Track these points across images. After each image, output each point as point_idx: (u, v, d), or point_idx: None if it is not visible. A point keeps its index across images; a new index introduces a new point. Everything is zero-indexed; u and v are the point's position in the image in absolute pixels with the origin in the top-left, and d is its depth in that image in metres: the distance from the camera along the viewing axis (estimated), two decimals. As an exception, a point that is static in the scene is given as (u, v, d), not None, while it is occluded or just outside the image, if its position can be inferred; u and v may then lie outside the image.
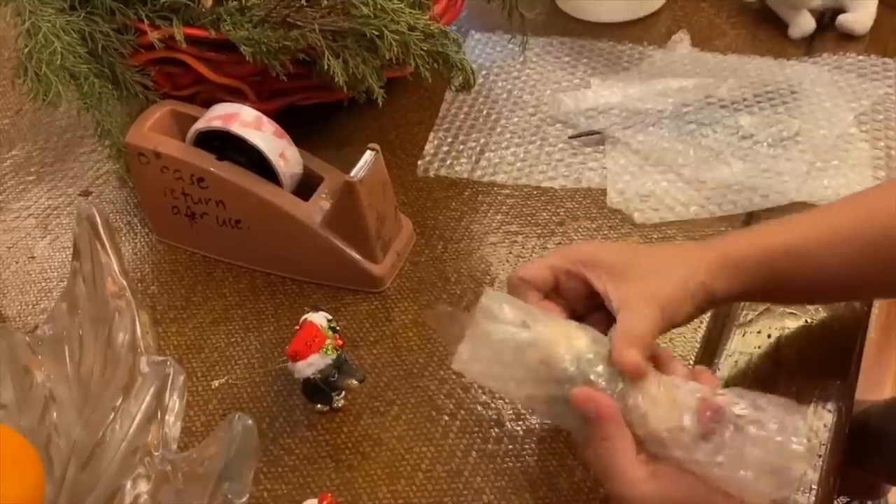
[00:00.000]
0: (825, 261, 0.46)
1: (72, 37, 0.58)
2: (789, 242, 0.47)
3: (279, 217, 0.60)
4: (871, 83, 0.72)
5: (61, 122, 0.80)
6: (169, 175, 0.62)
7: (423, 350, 0.59)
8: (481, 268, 0.64)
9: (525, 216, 0.67)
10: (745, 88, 0.72)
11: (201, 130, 0.61)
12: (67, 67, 0.58)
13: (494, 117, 0.76)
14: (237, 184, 0.60)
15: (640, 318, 0.44)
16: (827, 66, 0.75)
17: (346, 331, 0.60)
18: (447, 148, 0.73)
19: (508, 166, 0.71)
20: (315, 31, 0.58)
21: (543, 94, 0.77)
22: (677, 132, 0.69)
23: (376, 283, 0.62)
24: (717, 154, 0.67)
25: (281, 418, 0.55)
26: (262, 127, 0.60)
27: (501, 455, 0.52)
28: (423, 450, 0.53)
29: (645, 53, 0.79)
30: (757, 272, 0.46)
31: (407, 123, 0.76)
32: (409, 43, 0.58)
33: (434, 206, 0.69)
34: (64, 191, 0.74)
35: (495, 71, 0.81)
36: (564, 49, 0.81)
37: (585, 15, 0.84)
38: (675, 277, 0.45)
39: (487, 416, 0.54)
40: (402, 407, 0.55)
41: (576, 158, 0.71)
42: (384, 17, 0.57)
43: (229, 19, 0.61)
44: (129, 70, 0.63)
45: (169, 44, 0.63)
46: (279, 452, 0.54)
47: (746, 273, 0.46)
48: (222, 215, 0.62)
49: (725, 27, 0.82)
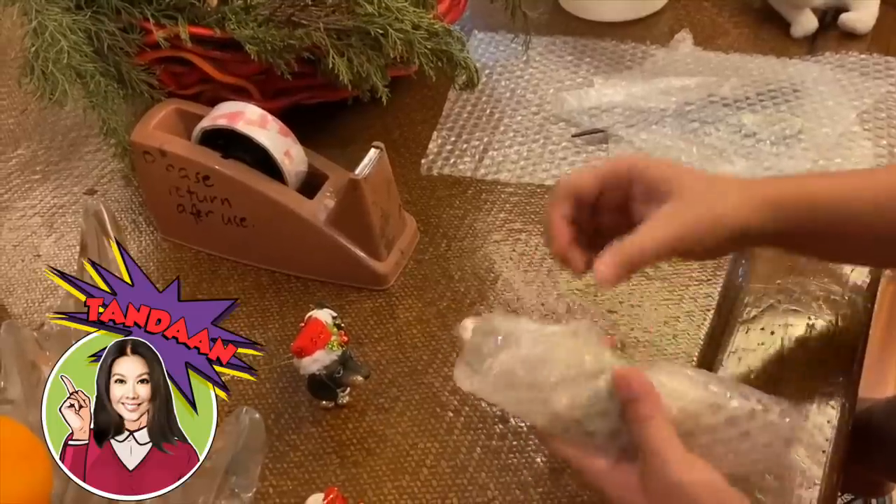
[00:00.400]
0: (868, 219, 0.45)
1: (78, 36, 0.59)
2: (836, 193, 0.46)
3: (284, 215, 0.60)
4: (873, 81, 0.72)
5: (66, 121, 0.80)
6: (174, 173, 0.62)
7: (427, 347, 0.59)
8: (485, 265, 0.64)
9: (528, 214, 0.68)
10: (748, 87, 0.72)
11: (206, 129, 0.61)
12: (73, 66, 0.58)
13: (498, 116, 0.76)
14: (242, 182, 0.60)
15: (647, 231, 0.43)
16: (829, 65, 0.75)
17: (351, 328, 0.60)
18: (451, 146, 0.74)
19: (512, 165, 0.71)
20: (320, 29, 0.58)
21: (547, 93, 0.77)
22: (680, 130, 0.70)
23: (380, 281, 0.62)
24: (720, 152, 0.68)
25: (286, 414, 0.56)
26: (267, 125, 0.60)
27: (506, 451, 0.53)
28: (427, 445, 0.53)
29: (648, 52, 0.80)
30: (797, 216, 0.45)
31: (411, 122, 0.77)
32: (413, 41, 0.59)
33: (438, 204, 0.69)
34: (69, 189, 0.74)
35: (498, 70, 0.81)
36: (567, 48, 0.82)
37: (588, 14, 0.85)
38: (709, 202, 0.44)
39: (491, 412, 0.55)
40: (406, 403, 0.56)
41: (579, 157, 0.71)
42: (389, 16, 0.57)
43: (234, 18, 0.61)
44: (134, 69, 0.64)
45: (174, 43, 0.64)
46: (284, 448, 0.54)
47: (787, 214, 0.45)
48: (227, 213, 0.63)
49: (728, 26, 0.83)
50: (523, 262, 0.64)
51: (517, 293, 0.62)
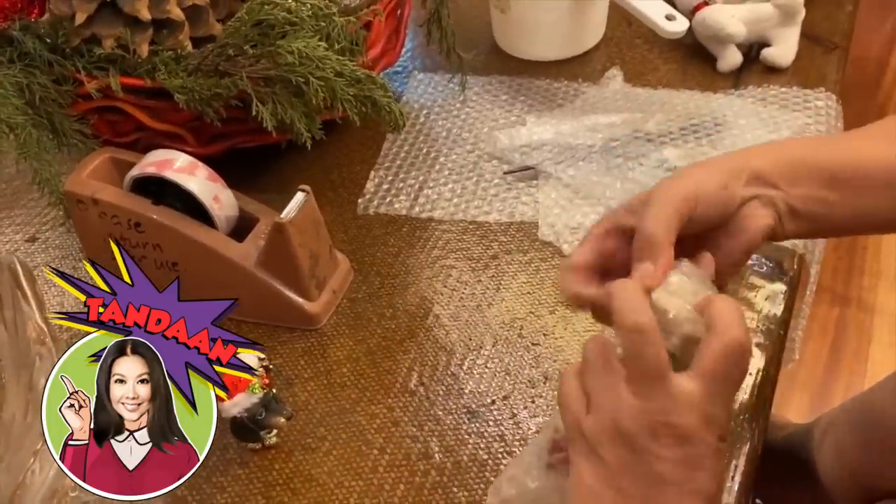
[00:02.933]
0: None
1: (7, 89, 0.60)
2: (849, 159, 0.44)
3: (214, 258, 0.62)
4: (791, 114, 0.75)
5: (10, 169, 0.81)
6: (107, 220, 0.63)
7: (356, 385, 0.60)
8: (416, 302, 0.65)
9: (460, 250, 0.69)
10: (672, 122, 0.75)
11: (136, 177, 0.62)
12: (3, 119, 0.60)
13: (434, 155, 0.78)
14: (172, 227, 0.62)
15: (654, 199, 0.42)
16: (751, 98, 0.78)
17: (282, 368, 0.61)
18: (387, 186, 0.75)
19: (446, 202, 0.73)
20: (244, 78, 0.60)
21: (481, 132, 0.79)
22: (606, 166, 0.72)
23: (312, 321, 0.63)
24: (643, 186, 0.69)
25: (214, 456, 0.56)
26: (196, 172, 0.62)
27: (428, 487, 0.53)
28: (352, 484, 0.54)
29: (580, 90, 0.82)
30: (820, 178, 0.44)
31: (350, 163, 0.78)
32: (335, 88, 0.60)
33: (373, 242, 0.71)
34: (11, 237, 0.75)
35: (436, 110, 0.83)
36: (503, 87, 0.84)
37: (524, 54, 0.87)
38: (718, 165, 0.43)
39: (416, 449, 0.56)
40: (332, 442, 0.56)
41: (510, 193, 0.73)
42: (310, 65, 0.59)
43: (164, 68, 0.63)
44: (67, 119, 0.65)
45: (107, 93, 0.65)
46: (212, 490, 0.55)
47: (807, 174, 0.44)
48: (160, 258, 0.64)
49: (658, 62, 0.85)
50: (454, 297, 0.65)
51: (445, 328, 0.63)
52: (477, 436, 0.56)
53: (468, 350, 0.61)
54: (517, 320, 0.63)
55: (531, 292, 0.65)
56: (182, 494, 0.54)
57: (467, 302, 0.65)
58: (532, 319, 0.63)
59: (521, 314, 0.63)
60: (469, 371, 0.60)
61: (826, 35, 0.85)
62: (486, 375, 0.60)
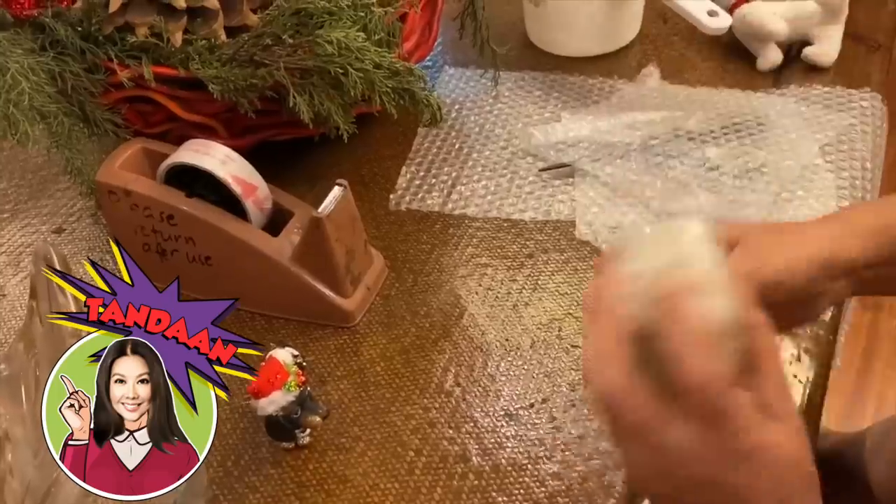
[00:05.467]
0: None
1: (40, 77, 0.59)
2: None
3: (248, 253, 0.60)
4: (836, 114, 0.73)
5: (37, 159, 0.80)
6: (139, 212, 0.62)
7: (391, 385, 0.59)
8: (450, 300, 0.64)
9: (495, 248, 0.68)
10: (713, 121, 0.73)
11: (171, 167, 0.61)
12: (36, 107, 0.59)
13: (466, 151, 0.77)
14: (206, 220, 0.60)
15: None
16: (793, 98, 0.76)
17: (314, 366, 0.60)
18: (419, 181, 0.74)
19: (479, 199, 0.72)
20: (281, 69, 0.59)
21: (515, 128, 0.78)
22: (645, 164, 0.70)
23: (346, 318, 0.62)
24: (683, 185, 0.68)
25: (247, 456, 0.55)
26: (231, 163, 0.61)
27: (467, 491, 0.52)
28: (388, 486, 0.53)
29: (615, 87, 0.80)
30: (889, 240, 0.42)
31: (380, 158, 0.77)
32: (374, 80, 0.59)
33: (405, 239, 0.69)
34: (37, 228, 0.74)
35: (468, 105, 0.81)
36: (536, 83, 0.83)
37: (557, 49, 0.86)
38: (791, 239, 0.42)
39: (453, 451, 0.54)
40: (367, 443, 0.55)
41: (545, 191, 0.71)
42: (349, 56, 0.58)
43: (198, 58, 0.62)
44: (99, 108, 0.64)
45: (139, 82, 0.64)
46: (244, 490, 0.53)
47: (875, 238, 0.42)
48: (192, 252, 0.63)
49: (696, 60, 0.84)
50: (489, 296, 0.64)
51: (481, 328, 0.62)
52: (515, 439, 0.55)
53: (505, 351, 0.60)
54: (555, 321, 0.61)
55: (569, 293, 0.63)
56: (215, 494, 0.53)
57: (503, 301, 0.63)
58: (570, 321, 0.61)
59: (558, 315, 0.62)
60: (506, 372, 0.59)
61: (869, 33, 0.83)
62: (524, 377, 0.58)
